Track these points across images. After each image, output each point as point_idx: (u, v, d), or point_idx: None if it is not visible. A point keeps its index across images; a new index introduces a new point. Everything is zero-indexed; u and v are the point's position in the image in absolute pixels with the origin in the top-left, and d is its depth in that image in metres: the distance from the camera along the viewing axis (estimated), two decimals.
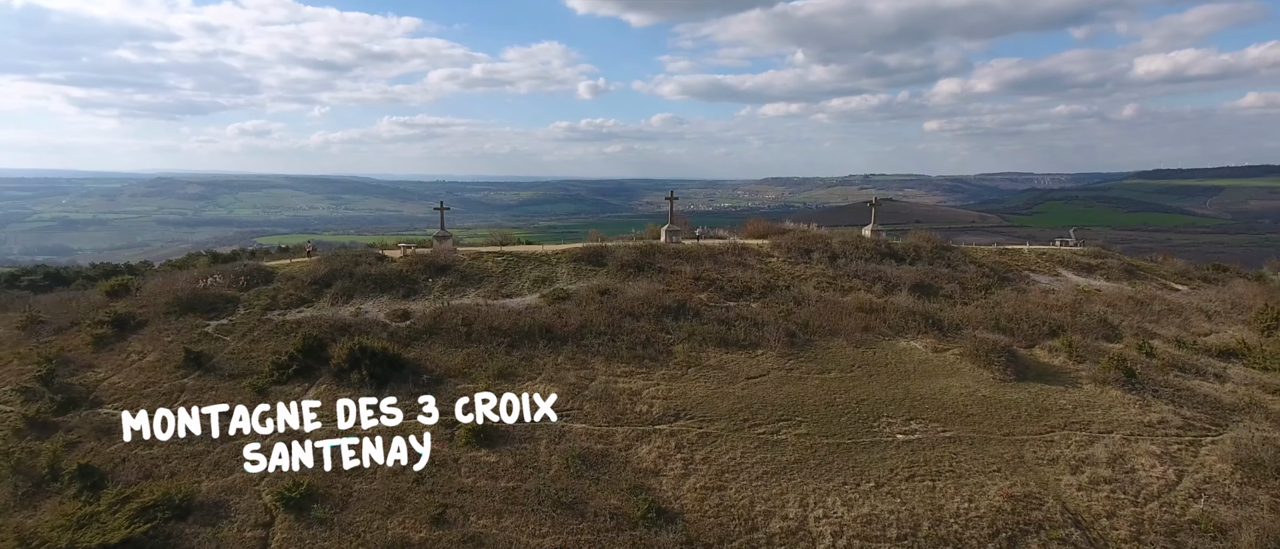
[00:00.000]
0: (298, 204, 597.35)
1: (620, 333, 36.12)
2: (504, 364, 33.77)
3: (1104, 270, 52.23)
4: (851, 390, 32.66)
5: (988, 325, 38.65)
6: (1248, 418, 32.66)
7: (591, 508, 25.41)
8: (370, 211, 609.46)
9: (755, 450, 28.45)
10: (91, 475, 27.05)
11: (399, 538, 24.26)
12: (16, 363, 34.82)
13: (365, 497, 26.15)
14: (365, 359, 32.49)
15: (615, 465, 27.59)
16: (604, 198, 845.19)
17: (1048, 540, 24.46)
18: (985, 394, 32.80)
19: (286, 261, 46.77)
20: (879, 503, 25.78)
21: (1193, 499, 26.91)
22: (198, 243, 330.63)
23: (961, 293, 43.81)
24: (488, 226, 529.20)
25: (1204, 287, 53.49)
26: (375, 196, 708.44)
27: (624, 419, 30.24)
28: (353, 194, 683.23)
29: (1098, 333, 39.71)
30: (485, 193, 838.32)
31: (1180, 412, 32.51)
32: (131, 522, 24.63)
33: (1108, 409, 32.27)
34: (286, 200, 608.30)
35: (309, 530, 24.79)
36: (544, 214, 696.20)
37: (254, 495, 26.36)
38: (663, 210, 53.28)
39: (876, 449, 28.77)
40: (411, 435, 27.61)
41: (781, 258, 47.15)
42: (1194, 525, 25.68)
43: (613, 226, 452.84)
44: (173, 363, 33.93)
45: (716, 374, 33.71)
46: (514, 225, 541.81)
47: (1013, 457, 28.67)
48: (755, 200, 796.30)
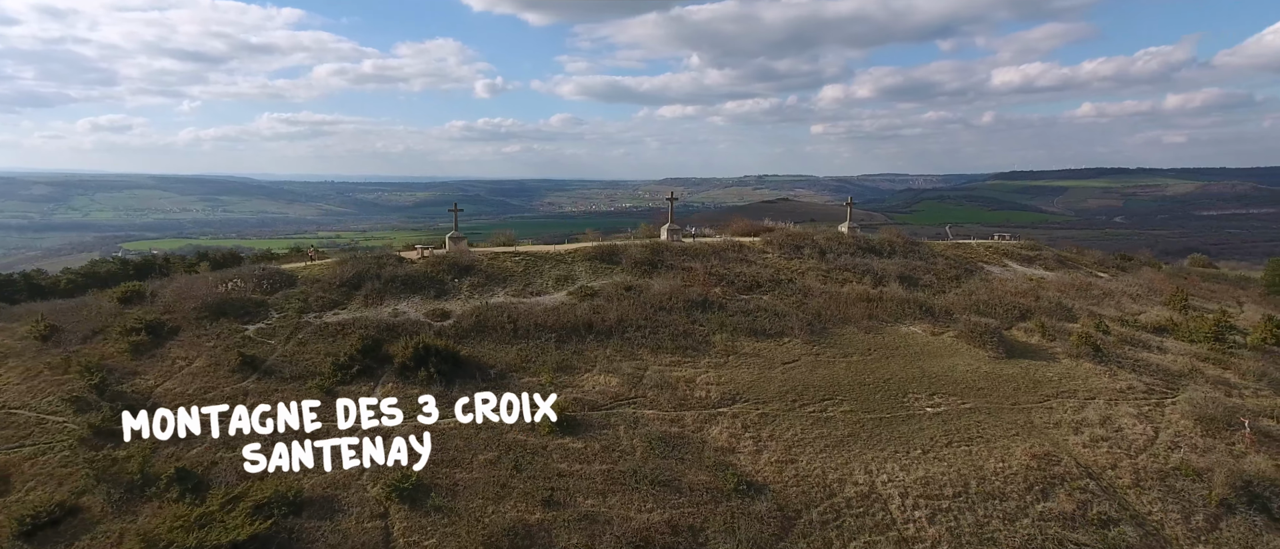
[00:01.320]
0: (166, 206, 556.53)
1: (658, 326, 38.76)
2: (559, 358, 35.75)
3: (1042, 261, 59.06)
4: (875, 371, 36.64)
5: (970, 311, 43.68)
6: (1192, 382, 38.88)
7: (685, 483, 28.06)
8: (252, 214, 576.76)
9: (811, 427, 31.84)
10: (189, 479, 27.39)
11: (517, 520, 26.09)
12: (48, 372, 33.89)
13: (471, 485, 27.75)
14: (431, 357, 33.77)
15: (693, 446, 30.30)
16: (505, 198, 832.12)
17: (1072, 490, 29.02)
18: (986, 370, 37.54)
19: (303, 264, 46.54)
20: (930, 467, 29.69)
21: (1171, 450, 32.28)
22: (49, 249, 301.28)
23: (938, 283, 48.95)
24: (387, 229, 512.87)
25: (1120, 274, 61.24)
26: (257, 198, 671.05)
27: (687, 404, 32.98)
28: (231, 195, 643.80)
29: (1057, 315, 45.54)
30: (379, 194, 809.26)
31: (1141, 379, 38.33)
32: (252, 519, 25.43)
33: (1086, 379, 37.66)
34: (153, 202, 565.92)
35: (427, 518, 26.24)
36: (443, 215, 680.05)
37: (359, 490, 27.47)
38: (565, 210, 57.77)
39: (913, 422, 32.76)
40: (503, 427, 29.58)
41: (776, 253, 50.98)
42: (1177, 471, 30.94)
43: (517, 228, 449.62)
44: (226, 367, 34.02)
45: (754, 361, 36.94)
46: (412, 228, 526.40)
47: (1024, 422, 33.33)
48: (656, 200, 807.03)
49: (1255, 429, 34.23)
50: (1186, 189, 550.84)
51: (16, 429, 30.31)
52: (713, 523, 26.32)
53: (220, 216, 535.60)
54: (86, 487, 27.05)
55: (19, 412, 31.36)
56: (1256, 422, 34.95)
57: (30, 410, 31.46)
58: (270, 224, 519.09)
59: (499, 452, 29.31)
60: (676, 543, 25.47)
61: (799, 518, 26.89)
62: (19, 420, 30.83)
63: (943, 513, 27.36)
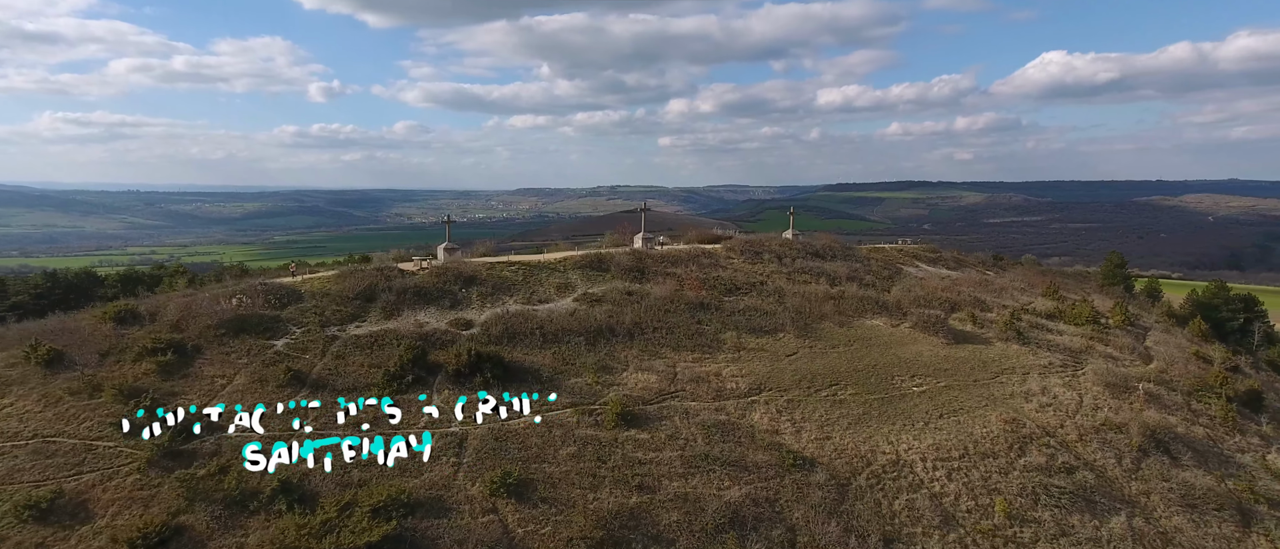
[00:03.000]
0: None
1: (670, 327, 42.48)
2: (594, 360, 38.58)
3: (944, 262, 68.48)
4: (861, 359, 42.44)
5: (915, 305, 50.84)
6: (1089, 356, 48.03)
7: (749, 462, 32.15)
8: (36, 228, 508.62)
9: (832, 409, 36.95)
10: (293, 491, 28.00)
11: (618, 505, 29.02)
12: (70, 398, 32.29)
13: (564, 477, 30.26)
14: (485, 364, 35.60)
15: (743, 430, 34.41)
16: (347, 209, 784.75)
17: (1040, 447, 35.98)
18: (944, 354, 44.46)
19: (300, 279, 45.56)
20: (935, 436, 35.63)
21: (1095, 411, 40.36)
22: None
23: (878, 282, 56.09)
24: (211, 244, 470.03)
25: (1002, 272, 72.11)
26: (42, 209, 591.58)
27: (723, 395, 37.02)
28: (8, 206, 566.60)
29: (976, 306, 53.86)
30: (198, 204, 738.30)
31: (1055, 356, 46.87)
32: (375, 522, 26.69)
33: (1017, 358, 45.56)
34: None
35: (535, 510, 28.57)
36: (278, 228, 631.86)
37: (460, 489, 29.22)
38: (416, 222, 60.91)
39: (907, 400, 38.74)
40: (570, 423, 32.42)
41: (739, 259, 56.06)
42: (1104, 427, 38.91)
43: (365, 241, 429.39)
44: (273, 383, 33.98)
45: (761, 355, 41.60)
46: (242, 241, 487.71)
47: (988, 395, 40.28)
48: (511, 211, 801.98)
49: (1145, 391, 43.39)
50: (976, 200, 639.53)
51: (65, 457, 29.21)
52: (784, 494, 30.60)
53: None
54: (181, 506, 27.02)
55: (58, 439, 30.06)
56: (1142, 385, 44.21)
57: (70, 437, 30.23)
58: (60, 239, 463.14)
59: (577, 446, 31.94)
60: (760, 513, 29.51)
61: (850, 484, 31.77)
62: (62, 448, 29.64)
63: (956, 471, 33.29)
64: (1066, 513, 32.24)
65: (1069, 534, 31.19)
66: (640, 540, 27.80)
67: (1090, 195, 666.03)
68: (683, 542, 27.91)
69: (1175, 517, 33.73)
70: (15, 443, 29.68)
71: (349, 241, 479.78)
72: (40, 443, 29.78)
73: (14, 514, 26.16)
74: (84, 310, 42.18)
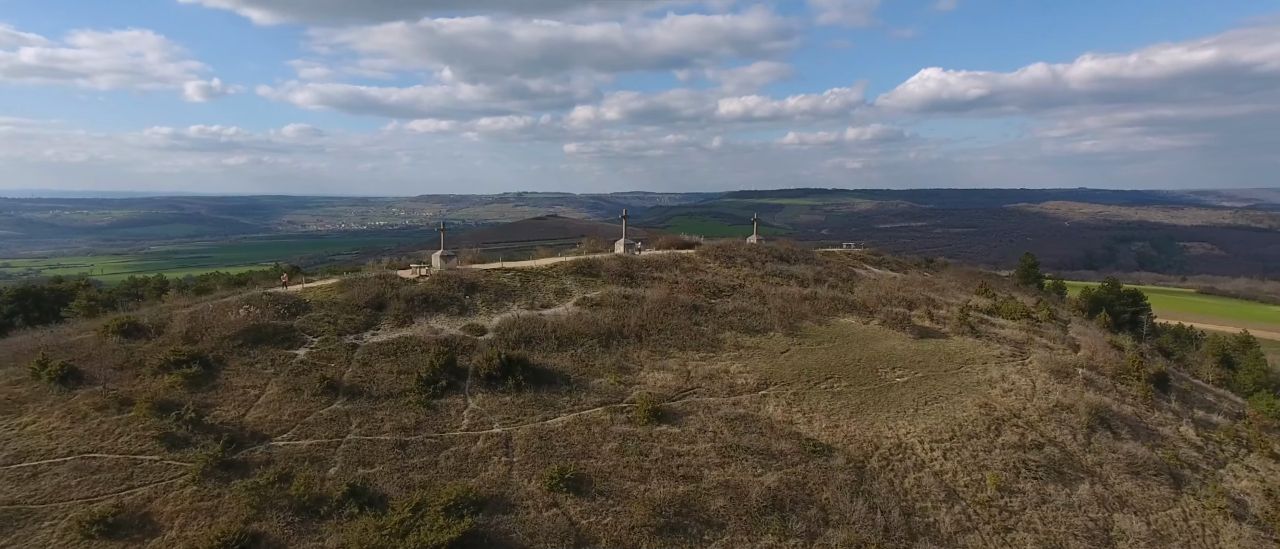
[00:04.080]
0: None
1: (674, 329, 44.88)
2: (611, 361, 40.50)
3: (889, 264, 73.94)
4: (845, 354, 46.17)
5: (879, 304, 55.25)
6: (1031, 347, 53.76)
7: (775, 450, 35.00)
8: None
9: (833, 400, 40.36)
10: (362, 494, 28.71)
11: (669, 494, 31.19)
12: (97, 414, 31.55)
13: (612, 470, 32.15)
14: (515, 368, 36.94)
15: (762, 422, 37.23)
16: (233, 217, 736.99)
17: (1012, 428, 40.59)
18: (914, 348, 48.86)
19: (300, 288, 44.95)
20: (925, 421, 39.59)
21: (1047, 394, 45.56)
22: None
23: (840, 283, 60.39)
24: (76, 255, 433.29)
25: (935, 273, 78.46)
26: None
27: (736, 390, 39.76)
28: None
29: (928, 304, 58.96)
30: (56, 211, 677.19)
31: (1004, 347, 52.24)
32: (450, 520, 27.83)
33: (974, 349, 50.55)
34: None
35: (594, 502, 30.38)
36: (154, 237, 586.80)
37: (518, 486, 30.68)
38: (311, 229, 62.30)
39: (894, 390, 42.66)
40: (605, 420, 34.45)
41: (715, 263, 59.02)
42: (1057, 408, 44.12)
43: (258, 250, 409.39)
44: (308, 391, 34.21)
45: (758, 353, 44.60)
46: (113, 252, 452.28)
47: (959, 384, 44.79)
48: (413, 218, 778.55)
49: (1083, 376, 49.24)
50: (868, 206, 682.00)
51: (110, 472, 28.81)
52: (811, 478, 33.61)
53: None
54: (251, 514, 27.34)
55: (97, 456, 29.53)
56: (1081, 371, 50.12)
57: (109, 453, 29.73)
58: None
59: (618, 442, 33.89)
60: (794, 496, 32.38)
61: (865, 467, 35.15)
62: (104, 464, 29.19)
63: (950, 452, 37.31)
64: (1043, 483, 36.79)
65: (1048, 502, 35.68)
66: (694, 526, 30.07)
67: (966, 202, 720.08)
68: (732, 525, 30.38)
69: (1125, 482, 38.94)
70: (53, 460, 28.93)
71: (240, 252, 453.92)
72: (79, 460, 29.12)
73: (78, 530, 25.80)
74: (69, 323, 40.41)
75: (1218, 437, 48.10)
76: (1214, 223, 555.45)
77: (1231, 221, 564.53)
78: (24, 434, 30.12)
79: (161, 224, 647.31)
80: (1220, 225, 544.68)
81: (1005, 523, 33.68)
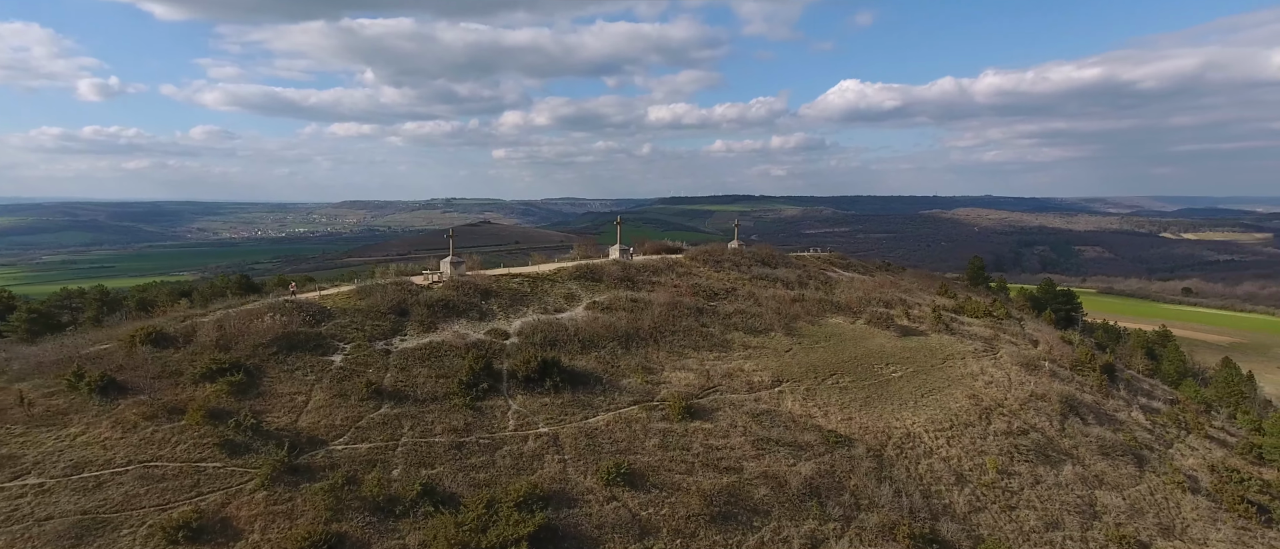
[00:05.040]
0: None
1: (686, 331, 46.90)
2: (635, 362, 42.19)
3: (854, 268, 78.02)
4: (843, 352, 49.22)
5: (862, 305, 58.70)
6: (999, 343, 58.29)
7: (802, 442, 37.48)
8: None
9: (842, 394, 43.20)
10: (434, 493, 29.59)
11: (716, 485, 33.14)
12: (147, 423, 31.22)
13: (659, 465, 33.90)
14: (552, 370, 38.22)
15: (783, 416, 39.67)
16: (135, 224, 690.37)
17: (1000, 416, 44.39)
18: (900, 345, 52.40)
19: (319, 295, 44.62)
20: (926, 412, 42.90)
21: (1021, 385, 49.81)
22: None
23: (822, 286, 63.70)
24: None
25: (899, 276, 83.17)
26: None
27: (754, 387, 42.08)
28: None
29: (902, 305, 62.92)
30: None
31: (976, 343, 56.50)
32: (524, 515, 29.03)
33: (952, 346, 54.53)
34: None
35: (649, 495, 32.09)
36: (45, 246, 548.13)
37: (576, 482, 32.08)
38: (224, 237, 63.02)
39: (893, 384, 45.89)
40: (642, 418, 36.29)
41: (705, 268, 61.28)
42: (1033, 397, 48.35)
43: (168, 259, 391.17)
44: (355, 396, 34.63)
45: (764, 352, 47.09)
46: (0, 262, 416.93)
47: (947, 377, 48.47)
48: (335, 224, 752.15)
49: (1049, 369, 53.89)
50: (794, 212, 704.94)
51: (175, 480, 28.79)
52: (839, 466, 36.25)
53: None
54: (328, 516, 27.89)
55: (158, 464, 29.40)
56: (1047, 364, 54.82)
57: (169, 461, 29.63)
58: None
59: (659, 437, 35.68)
60: (827, 484, 34.92)
61: (883, 454, 38.05)
62: (167, 471, 29.14)
63: (953, 440, 40.68)
64: (1034, 466, 40.58)
65: (1041, 482, 39.43)
66: (742, 513, 32.16)
67: (885, 209, 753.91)
68: (776, 511, 32.62)
69: (1098, 463, 43.23)
70: (114, 470, 28.64)
71: (145, 261, 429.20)
72: (141, 469, 28.91)
73: (163, 536, 25.89)
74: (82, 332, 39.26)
75: (1162, 420, 53.48)
76: (1104, 228, 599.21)
77: (1118, 227, 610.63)
78: (76, 445, 29.58)
79: (53, 232, 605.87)
80: (1109, 230, 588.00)
81: (1009, 502, 37.13)
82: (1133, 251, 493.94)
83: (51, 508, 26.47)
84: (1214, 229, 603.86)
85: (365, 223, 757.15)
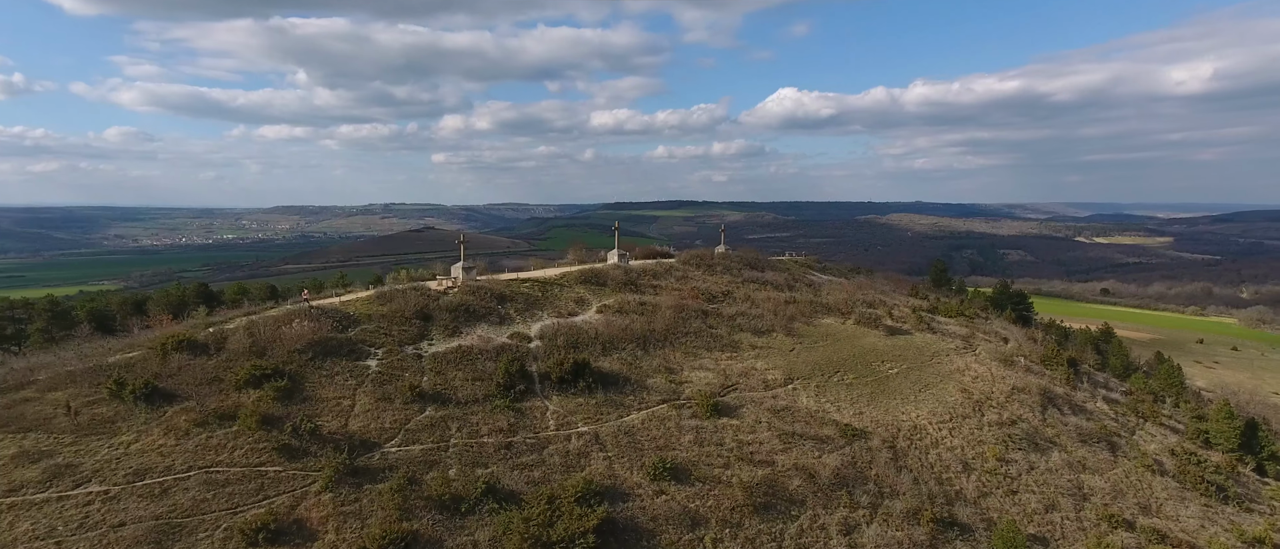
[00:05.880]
0: None
1: (696, 332, 48.62)
2: (656, 364, 43.68)
3: (833, 271, 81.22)
4: (841, 350, 51.74)
5: (850, 306, 61.49)
6: (976, 340, 61.96)
7: (823, 435, 39.64)
8: None
9: (849, 390, 45.61)
10: (496, 492, 30.52)
11: (754, 477, 34.91)
12: (200, 431, 31.27)
13: (698, 460, 35.53)
14: (584, 372, 39.39)
15: (801, 412, 41.76)
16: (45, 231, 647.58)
17: (991, 407, 47.57)
18: (890, 343, 55.30)
19: (339, 301, 44.42)
20: (927, 405, 45.69)
21: (1002, 380, 53.30)
22: None
23: (807, 288, 66.36)
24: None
25: (871, 278, 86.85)
26: None
27: (769, 385, 44.08)
28: None
29: (883, 306, 66.10)
30: None
31: (956, 341, 59.98)
32: (586, 508, 30.22)
33: (935, 343, 57.80)
34: None
35: (694, 488, 33.67)
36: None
37: (624, 477, 33.42)
38: (145, 244, 63.18)
39: (892, 379, 48.59)
40: (673, 416, 37.90)
41: (698, 272, 63.11)
42: (1015, 390, 51.84)
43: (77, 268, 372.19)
44: (398, 400, 35.19)
45: (771, 352, 49.18)
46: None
47: (938, 373, 51.51)
48: (267, 231, 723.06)
49: (1024, 364, 57.70)
50: (737, 217, 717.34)
51: (239, 484, 29.08)
52: (860, 458, 38.53)
53: None
54: (397, 515, 28.59)
55: (218, 470, 29.55)
56: (1022, 359, 58.65)
57: (229, 465, 29.79)
58: None
59: (692, 433, 37.31)
60: (853, 474, 37.14)
61: (896, 445, 40.54)
62: (230, 476, 29.38)
63: (954, 431, 43.53)
64: (1027, 453, 43.75)
65: (1035, 468, 42.58)
66: (780, 503, 34.05)
67: (824, 214, 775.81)
68: (810, 501, 34.64)
69: (1079, 449, 46.79)
70: (177, 476, 28.65)
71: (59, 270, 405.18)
72: (203, 475, 28.99)
73: (242, 538, 26.25)
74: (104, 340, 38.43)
75: (1122, 410, 57.88)
76: (1025, 233, 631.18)
77: (1037, 231, 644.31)
78: (132, 453, 29.38)
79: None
80: (1030, 235, 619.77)
81: (1012, 487, 40.07)
82: (1052, 254, 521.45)
83: (123, 514, 26.42)
84: (1122, 233, 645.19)
85: (299, 229, 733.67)
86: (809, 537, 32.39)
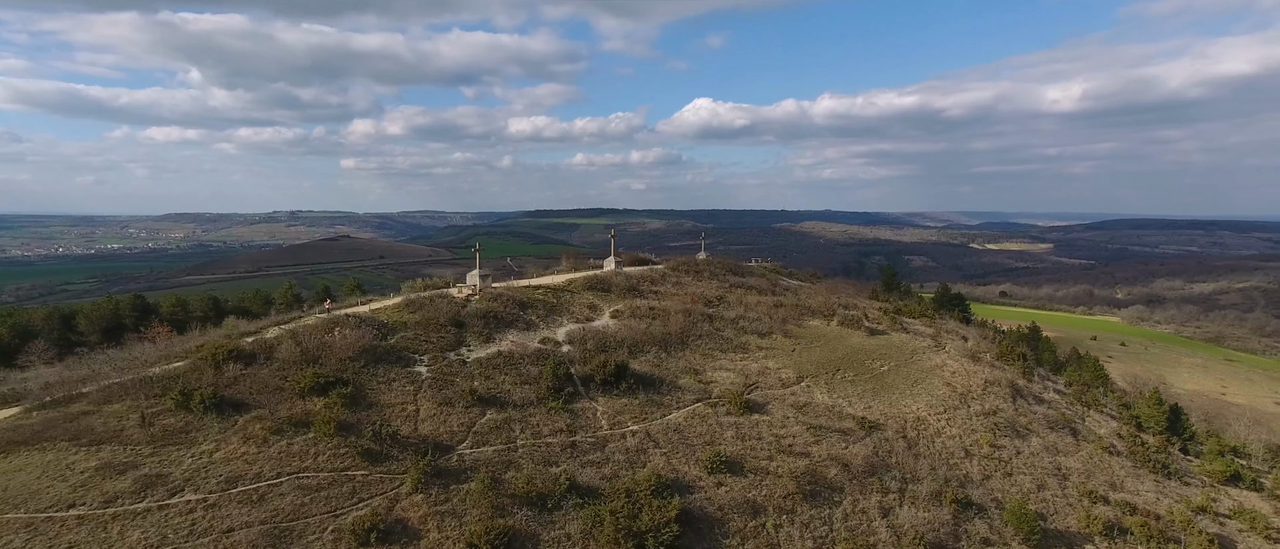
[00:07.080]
0: None
1: (708, 335, 51.03)
2: (680, 364, 45.83)
3: (799, 277, 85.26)
4: (836, 350, 55.25)
5: (830, 309, 65.24)
6: (942, 338, 66.90)
7: (844, 428, 42.78)
8: None
9: (854, 386, 49.02)
10: (578, 488, 31.96)
11: (797, 467, 37.58)
12: (278, 439, 31.31)
13: (745, 453, 37.94)
14: (626, 374, 41.14)
15: (818, 407, 44.79)
16: None
17: (975, 399, 52.02)
18: (874, 342, 59.31)
19: (368, 309, 44.13)
20: (923, 398, 49.64)
21: (975, 375, 58.12)
22: None
23: (787, 292, 69.81)
24: None
25: (832, 283, 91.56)
26: None
27: (785, 384, 46.94)
28: None
29: (857, 308, 70.34)
30: None
31: (927, 340, 64.70)
32: (660, 501, 32.09)
33: (911, 342, 62.26)
34: None
35: (747, 479, 36.04)
36: None
37: (684, 471, 35.46)
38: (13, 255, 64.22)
39: (886, 376, 52.38)
40: (711, 413, 40.31)
41: (688, 277, 65.49)
42: (988, 384, 56.68)
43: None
44: (460, 404, 36.03)
45: (776, 352, 52.12)
46: None
47: (923, 369, 55.74)
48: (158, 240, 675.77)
49: (989, 359, 62.91)
50: (658, 226, 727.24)
51: (331, 489, 29.59)
52: (881, 447, 41.85)
53: None
54: (490, 513, 29.75)
55: (309, 475, 29.95)
56: (986, 355, 63.88)
57: (315, 471, 30.18)
58: None
59: (733, 429, 39.70)
60: (879, 462, 40.38)
61: (905, 435, 44.11)
62: (320, 481, 29.88)
63: (951, 420, 47.59)
64: (1013, 439, 48.28)
65: (1022, 453, 47.11)
66: (823, 491, 36.84)
67: (740, 222, 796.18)
68: (848, 487, 37.58)
69: (1050, 435, 51.85)
70: (270, 483, 28.84)
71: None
72: (294, 480, 29.28)
73: (354, 538, 26.95)
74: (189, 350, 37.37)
75: (1069, 399, 63.99)
76: (925, 240, 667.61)
77: (936, 238, 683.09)
78: (216, 462, 29.23)
79: None
80: (929, 242, 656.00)
81: (1007, 470, 44.31)
82: (950, 260, 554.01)
83: (228, 521, 26.50)
84: (1010, 240, 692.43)
85: (195, 238, 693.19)
86: (854, 519, 35.24)
